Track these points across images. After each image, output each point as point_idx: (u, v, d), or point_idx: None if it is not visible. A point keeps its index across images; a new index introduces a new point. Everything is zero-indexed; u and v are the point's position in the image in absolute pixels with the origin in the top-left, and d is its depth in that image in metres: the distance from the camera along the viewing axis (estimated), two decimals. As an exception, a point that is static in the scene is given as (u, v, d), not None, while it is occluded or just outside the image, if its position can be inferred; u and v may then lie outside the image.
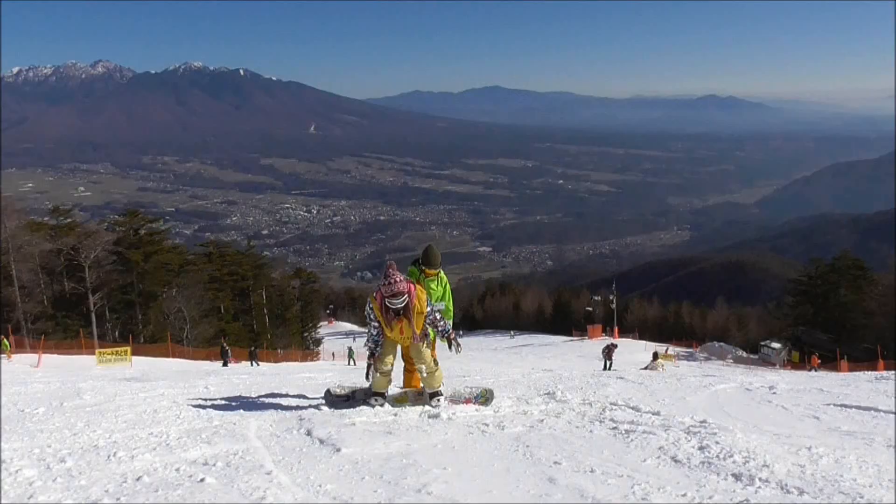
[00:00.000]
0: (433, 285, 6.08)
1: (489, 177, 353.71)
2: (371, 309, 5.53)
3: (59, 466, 3.68)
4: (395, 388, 6.37)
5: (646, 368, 20.89)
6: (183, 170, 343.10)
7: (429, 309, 5.51)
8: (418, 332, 5.47)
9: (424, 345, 5.65)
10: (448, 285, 6.26)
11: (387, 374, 5.81)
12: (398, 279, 5.29)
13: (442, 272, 6.21)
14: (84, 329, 34.96)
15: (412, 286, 5.41)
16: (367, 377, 5.94)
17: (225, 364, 28.65)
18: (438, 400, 5.76)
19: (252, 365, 29.03)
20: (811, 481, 3.31)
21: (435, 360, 5.80)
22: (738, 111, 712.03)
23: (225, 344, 32.58)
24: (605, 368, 21.94)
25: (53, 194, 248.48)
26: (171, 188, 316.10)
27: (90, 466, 3.68)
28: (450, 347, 5.77)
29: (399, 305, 5.32)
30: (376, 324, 5.56)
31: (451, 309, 6.32)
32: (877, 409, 6.02)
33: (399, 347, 5.91)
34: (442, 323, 5.64)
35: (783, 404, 6.59)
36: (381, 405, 5.72)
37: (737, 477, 3.40)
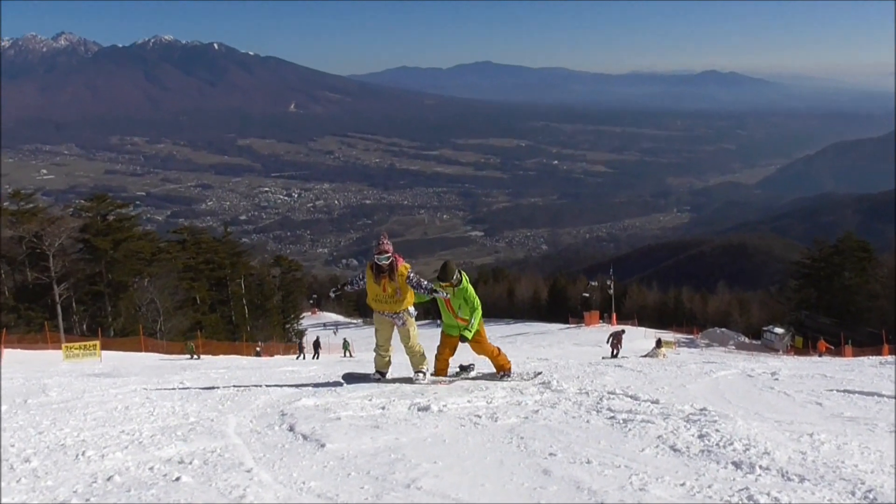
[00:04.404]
0: (453, 296, 7.00)
1: (480, 157, 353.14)
2: (364, 269, 7.06)
3: (23, 467, 3.65)
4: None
5: (646, 356, 21.07)
6: (154, 151, 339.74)
7: (410, 274, 6.84)
8: (401, 289, 6.81)
9: (412, 329, 7.04)
10: (467, 291, 7.06)
11: (384, 356, 7.24)
12: (385, 242, 6.79)
13: (466, 283, 7.08)
14: (49, 322, 34.62)
15: (398, 256, 6.85)
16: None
17: (316, 356, 29.42)
18: (420, 376, 7.07)
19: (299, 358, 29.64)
20: (812, 468, 3.37)
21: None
22: (739, 87, 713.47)
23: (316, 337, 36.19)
24: (612, 356, 22.04)
25: (14, 177, 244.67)
26: (141, 171, 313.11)
27: (57, 466, 3.67)
28: (435, 293, 6.91)
29: (384, 262, 6.75)
30: (363, 280, 7.06)
31: (477, 308, 7.18)
32: (880, 395, 6.12)
33: (399, 333, 7.11)
34: (424, 282, 6.90)
35: (785, 391, 6.68)
36: (378, 380, 7.11)
37: (737, 465, 3.45)
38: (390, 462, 3.67)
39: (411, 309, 7.04)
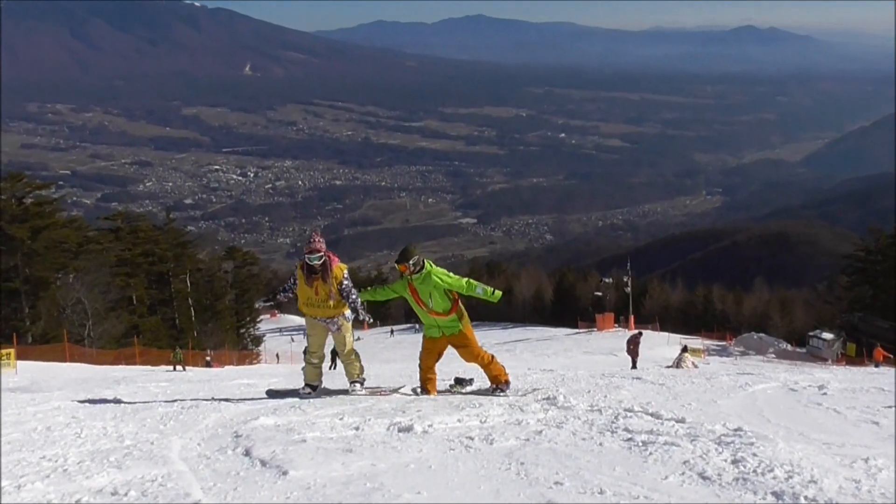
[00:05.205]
0: (419, 285, 7.33)
1: (473, 129, 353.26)
2: (295, 270, 7.68)
3: (-76, 500, 3.62)
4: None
5: (670, 366, 21.21)
6: (81, 121, 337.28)
7: (344, 281, 7.39)
8: (334, 292, 7.35)
9: (348, 335, 7.64)
10: (433, 275, 7.33)
11: (317, 366, 7.81)
12: (317, 240, 7.37)
13: (430, 267, 7.38)
14: (-45, 327, 34.45)
15: (332, 255, 7.43)
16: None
17: (333, 366, 29.26)
18: (356, 387, 7.68)
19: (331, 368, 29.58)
20: (867, 499, 3.39)
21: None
22: (780, 46, 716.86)
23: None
24: (633, 367, 22.25)
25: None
26: (66, 145, 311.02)
27: (-35, 499, 3.64)
28: (358, 317, 7.56)
29: (316, 262, 7.27)
30: (295, 281, 7.63)
31: (462, 280, 7.46)
32: (948, 412, 6.17)
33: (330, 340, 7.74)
34: (354, 296, 7.44)
35: (835, 407, 6.73)
36: (310, 395, 7.58)
37: (777, 495, 3.46)
38: (366, 492, 3.66)
39: (347, 313, 7.54)
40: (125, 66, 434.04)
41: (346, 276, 7.45)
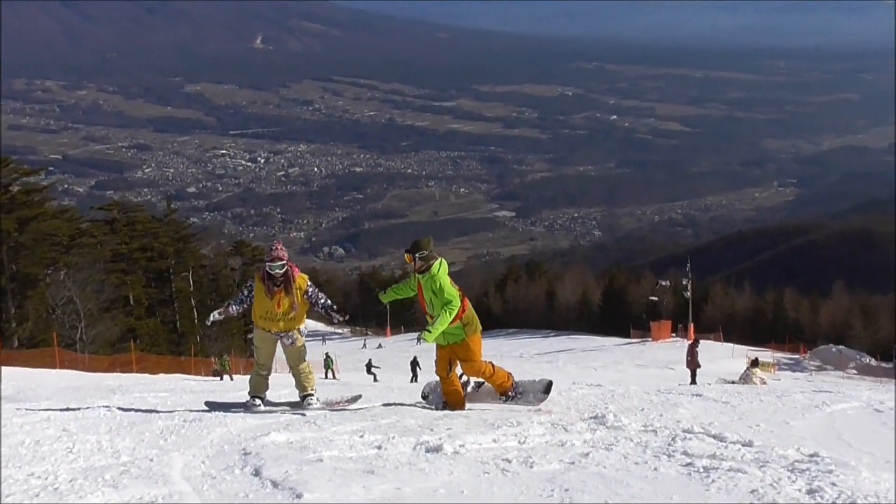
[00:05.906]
0: (425, 285, 7.48)
1: (511, 110, 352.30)
2: (252, 282, 8.05)
3: None
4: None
5: (736, 382, 21.02)
6: (73, 100, 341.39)
7: (309, 288, 7.88)
8: (298, 304, 7.79)
9: (303, 349, 8.12)
10: (436, 279, 7.45)
11: (265, 377, 8.28)
12: (279, 247, 7.85)
13: (438, 267, 7.49)
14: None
15: (294, 265, 7.85)
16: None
17: (414, 379, 30.48)
18: (311, 401, 8.10)
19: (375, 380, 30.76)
20: (966, 538, 3.33)
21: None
22: (864, 15, 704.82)
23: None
24: (692, 382, 22.11)
25: None
26: (57, 126, 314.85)
27: (-54, 520, 3.70)
28: (332, 320, 8.13)
29: (278, 270, 7.67)
30: (251, 292, 8.04)
31: (454, 299, 7.44)
32: None
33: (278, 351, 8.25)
34: (322, 299, 8.00)
35: (927, 431, 6.62)
36: (259, 406, 8.05)
37: (861, 532, 3.43)
38: (389, 520, 3.67)
39: (302, 327, 8.08)
40: (121, 38, 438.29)
41: (309, 283, 7.90)
